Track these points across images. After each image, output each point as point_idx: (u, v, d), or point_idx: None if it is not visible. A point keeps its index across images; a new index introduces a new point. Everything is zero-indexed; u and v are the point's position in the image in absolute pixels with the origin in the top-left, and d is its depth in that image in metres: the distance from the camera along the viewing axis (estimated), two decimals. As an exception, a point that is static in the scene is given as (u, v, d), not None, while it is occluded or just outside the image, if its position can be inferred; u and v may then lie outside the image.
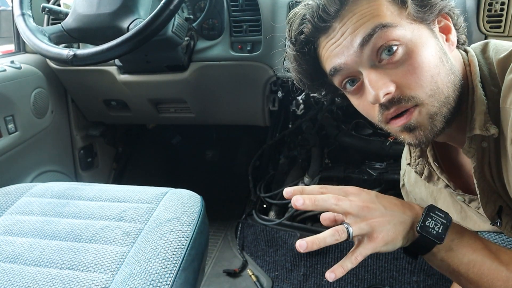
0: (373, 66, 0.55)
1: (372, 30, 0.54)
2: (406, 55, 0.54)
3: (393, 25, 0.54)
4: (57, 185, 1.04)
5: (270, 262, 1.46)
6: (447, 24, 0.60)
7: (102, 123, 1.67)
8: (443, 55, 0.57)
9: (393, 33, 0.54)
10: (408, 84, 0.54)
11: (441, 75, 0.55)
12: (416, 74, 0.54)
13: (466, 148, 0.60)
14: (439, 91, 0.55)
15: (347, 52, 0.56)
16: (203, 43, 1.26)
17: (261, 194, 1.70)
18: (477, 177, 0.62)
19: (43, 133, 1.42)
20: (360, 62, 0.56)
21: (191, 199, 0.93)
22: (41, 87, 1.41)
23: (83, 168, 1.64)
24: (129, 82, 1.36)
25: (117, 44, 0.92)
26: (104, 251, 0.80)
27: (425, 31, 0.56)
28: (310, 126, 1.59)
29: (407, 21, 0.55)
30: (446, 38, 0.60)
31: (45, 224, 0.89)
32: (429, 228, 0.53)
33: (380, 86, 0.54)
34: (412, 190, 0.88)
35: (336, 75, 0.59)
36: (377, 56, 0.55)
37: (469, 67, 0.61)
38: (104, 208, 0.92)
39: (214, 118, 1.52)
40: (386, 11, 0.54)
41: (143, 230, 0.85)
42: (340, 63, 0.57)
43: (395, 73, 0.54)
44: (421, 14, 0.56)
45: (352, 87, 0.59)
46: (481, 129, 0.57)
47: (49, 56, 0.99)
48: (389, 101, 0.55)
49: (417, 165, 0.72)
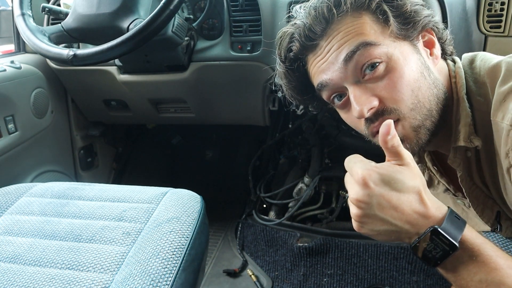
0: (357, 82, 0.58)
1: (355, 47, 0.56)
2: (387, 70, 0.57)
3: (376, 43, 0.56)
4: (57, 185, 1.04)
5: (270, 262, 1.46)
6: (431, 38, 0.62)
7: (102, 123, 1.67)
8: (425, 69, 0.59)
9: (375, 51, 0.56)
10: (389, 97, 0.56)
11: (422, 89, 0.57)
12: (396, 88, 0.56)
13: (451, 158, 0.62)
14: (420, 105, 0.57)
15: (333, 68, 0.59)
16: (203, 43, 1.26)
17: (261, 194, 1.70)
18: (465, 186, 0.64)
19: (43, 133, 1.42)
20: (345, 78, 0.58)
21: (191, 199, 0.93)
22: (41, 87, 1.41)
23: (83, 168, 1.63)
24: (129, 82, 1.36)
25: (117, 44, 0.92)
26: (104, 251, 0.80)
27: (407, 47, 0.59)
28: (310, 126, 1.59)
29: (390, 39, 0.58)
30: (430, 52, 0.62)
31: (45, 224, 0.89)
32: (425, 250, 0.48)
33: (363, 102, 0.56)
34: None
35: (323, 90, 0.62)
36: (361, 73, 0.58)
37: (455, 79, 0.62)
38: (104, 208, 0.92)
39: (214, 118, 1.51)
40: (370, 30, 0.57)
41: (143, 230, 0.84)
42: (326, 79, 0.60)
43: (377, 87, 0.57)
44: (403, 32, 0.58)
45: (340, 101, 0.62)
46: (465, 141, 0.59)
47: (49, 56, 0.99)
48: (373, 114, 0.57)
49: None
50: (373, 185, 0.48)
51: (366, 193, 0.48)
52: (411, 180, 0.49)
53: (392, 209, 0.48)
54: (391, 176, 0.49)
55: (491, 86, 0.58)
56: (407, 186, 0.49)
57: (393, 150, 0.50)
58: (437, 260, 0.48)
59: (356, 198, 0.49)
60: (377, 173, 0.49)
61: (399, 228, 0.49)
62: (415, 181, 0.49)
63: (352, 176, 0.51)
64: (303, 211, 1.63)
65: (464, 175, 0.63)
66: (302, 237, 1.49)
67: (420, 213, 0.49)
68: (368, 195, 0.48)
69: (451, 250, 0.47)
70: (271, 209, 1.69)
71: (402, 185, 0.49)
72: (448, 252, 0.47)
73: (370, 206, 0.49)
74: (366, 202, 0.49)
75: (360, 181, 0.49)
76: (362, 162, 0.51)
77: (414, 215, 0.49)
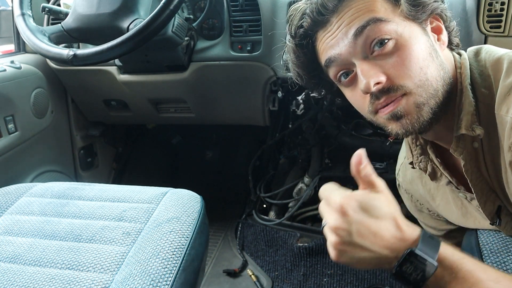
0: (366, 57, 0.58)
1: (366, 22, 0.57)
2: (396, 48, 0.57)
3: (386, 19, 0.57)
4: (57, 185, 1.04)
5: (270, 262, 1.46)
6: (439, 25, 0.63)
7: (102, 123, 1.67)
8: (433, 51, 0.59)
9: (385, 27, 0.56)
10: (397, 74, 0.56)
11: (431, 68, 0.58)
12: (405, 64, 0.56)
13: (454, 147, 0.62)
14: (428, 83, 0.57)
15: (342, 43, 0.59)
16: (203, 43, 1.26)
17: (261, 194, 1.70)
18: (469, 176, 0.64)
19: (43, 133, 1.42)
20: (353, 53, 0.58)
21: (191, 199, 0.93)
22: (41, 87, 1.41)
23: (83, 168, 1.63)
24: (129, 82, 1.36)
25: (117, 44, 0.91)
26: (104, 251, 0.80)
27: (417, 28, 0.59)
28: (310, 126, 1.59)
29: (400, 18, 0.58)
30: (438, 37, 0.62)
31: (45, 224, 0.89)
32: (406, 273, 0.49)
33: (371, 75, 0.56)
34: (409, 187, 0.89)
35: (331, 66, 0.62)
36: (370, 49, 0.57)
37: (460, 70, 0.62)
38: (104, 208, 0.92)
39: (214, 118, 1.51)
40: (381, 7, 0.58)
41: (143, 230, 0.85)
42: (335, 54, 0.60)
43: (386, 64, 0.57)
44: (413, 13, 0.58)
45: (346, 79, 0.62)
46: (467, 129, 0.59)
47: (49, 56, 0.99)
48: (379, 91, 0.57)
49: (420, 162, 0.73)
50: (352, 212, 0.50)
51: (345, 220, 0.50)
52: (387, 206, 0.51)
53: (371, 235, 0.50)
54: (368, 203, 0.50)
55: (495, 79, 0.58)
56: (384, 212, 0.50)
57: (366, 179, 0.52)
58: (419, 282, 0.49)
59: (335, 225, 0.50)
60: (355, 200, 0.50)
61: (379, 254, 0.50)
62: (390, 207, 0.51)
63: (329, 205, 0.52)
64: (303, 211, 1.63)
65: (469, 165, 0.63)
66: (302, 237, 1.49)
67: (397, 238, 0.50)
68: (348, 222, 0.50)
69: (431, 270, 0.48)
70: (271, 209, 1.69)
71: (379, 211, 0.50)
72: (428, 272, 0.48)
73: (350, 233, 0.50)
74: (345, 229, 0.50)
75: (339, 208, 0.50)
76: (338, 190, 0.53)
77: (392, 239, 0.50)
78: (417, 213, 0.95)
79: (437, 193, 0.80)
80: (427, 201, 0.85)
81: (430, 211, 0.89)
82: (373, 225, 0.50)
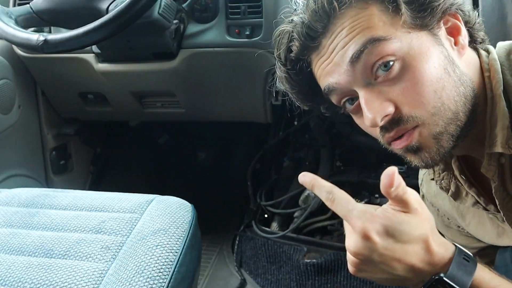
0: (369, 84, 0.57)
1: (362, 45, 0.55)
2: (403, 70, 0.55)
3: (385, 38, 0.55)
4: (25, 191, 1.04)
5: (273, 281, 1.46)
6: (456, 24, 0.60)
7: (78, 120, 1.67)
8: (449, 64, 0.57)
9: (386, 47, 0.55)
10: (407, 102, 0.55)
11: (447, 88, 0.56)
12: (415, 90, 0.55)
13: (486, 166, 0.61)
14: (445, 107, 0.56)
15: (339, 70, 0.58)
16: (194, 26, 1.26)
17: (262, 202, 1.71)
18: (499, 198, 0.63)
19: (8, 132, 1.42)
20: (353, 81, 0.58)
21: (180, 208, 0.93)
22: (6, 78, 1.41)
23: (55, 172, 1.64)
24: (109, 72, 1.36)
25: (94, 28, 0.92)
26: (79, 268, 0.80)
27: (426, 38, 0.57)
28: (319, 123, 1.59)
29: (403, 31, 0.56)
30: (455, 41, 0.60)
31: (11, 237, 0.89)
32: None
33: (376, 108, 0.55)
34: (434, 201, 0.88)
35: (331, 95, 0.62)
36: (372, 74, 0.56)
37: (488, 73, 0.60)
38: (80, 219, 0.92)
39: (208, 113, 1.52)
40: (378, 22, 0.56)
41: (125, 244, 0.85)
42: (333, 83, 0.59)
43: (393, 91, 0.56)
44: (419, 21, 0.56)
45: (352, 106, 0.62)
46: (503, 147, 0.57)
47: (15, 42, 0.99)
48: (388, 122, 0.56)
49: (442, 180, 0.72)
50: (376, 237, 0.49)
51: (367, 246, 0.50)
52: (419, 228, 0.50)
53: (395, 261, 0.50)
54: (396, 228, 0.50)
55: None
56: (413, 236, 0.50)
57: (398, 198, 0.51)
58: None
59: (355, 251, 0.51)
60: (380, 225, 0.50)
61: (402, 277, 0.51)
62: (422, 229, 0.51)
63: (349, 225, 0.52)
64: (310, 222, 1.63)
65: (498, 185, 0.62)
66: (310, 252, 1.50)
67: (426, 261, 0.50)
68: (370, 249, 0.50)
69: None
70: (273, 219, 1.70)
71: (408, 236, 0.50)
72: None
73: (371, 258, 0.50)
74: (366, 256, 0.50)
75: (361, 233, 0.50)
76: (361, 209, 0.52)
77: (420, 264, 0.50)
78: (445, 229, 0.94)
79: (467, 211, 0.79)
80: (455, 218, 0.85)
81: (460, 227, 0.89)
82: (399, 251, 0.50)
